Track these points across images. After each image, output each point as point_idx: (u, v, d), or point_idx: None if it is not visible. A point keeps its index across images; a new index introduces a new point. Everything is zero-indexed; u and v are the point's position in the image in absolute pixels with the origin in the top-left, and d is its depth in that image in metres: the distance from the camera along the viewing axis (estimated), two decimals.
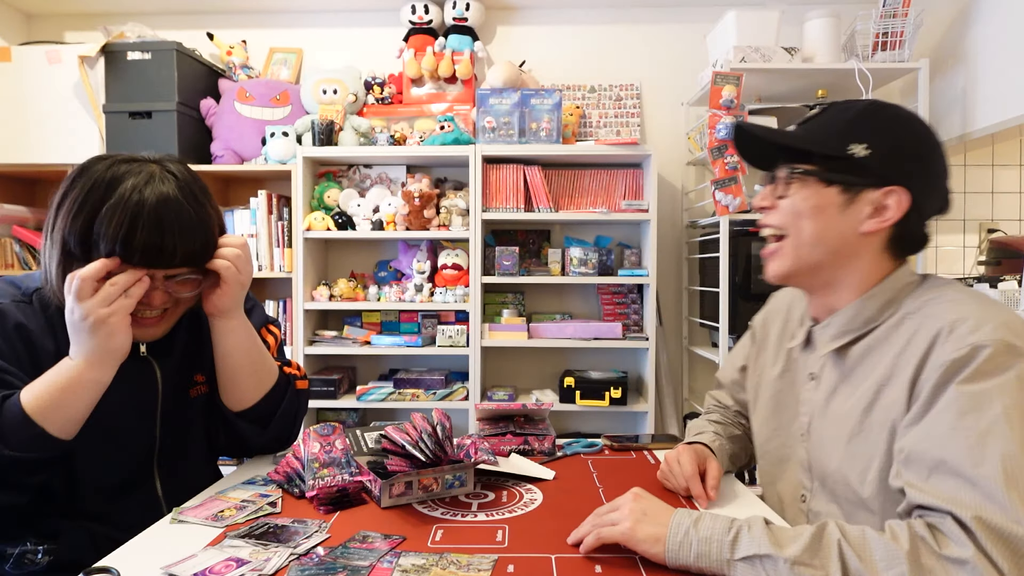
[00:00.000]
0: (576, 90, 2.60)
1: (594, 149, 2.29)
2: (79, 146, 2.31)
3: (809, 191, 0.86)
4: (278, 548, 0.79)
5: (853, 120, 0.86)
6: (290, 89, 2.51)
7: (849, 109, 0.88)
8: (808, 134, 0.89)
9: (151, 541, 0.84)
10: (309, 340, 2.37)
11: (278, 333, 1.18)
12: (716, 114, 2.07)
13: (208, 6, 2.64)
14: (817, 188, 0.86)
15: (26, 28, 2.72)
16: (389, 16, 2.63)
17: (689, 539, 0.73)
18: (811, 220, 0.86)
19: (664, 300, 2.59)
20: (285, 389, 1.12)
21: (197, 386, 1.08)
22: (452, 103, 2.53)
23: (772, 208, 0.92)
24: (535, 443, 1.21)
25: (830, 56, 2.17)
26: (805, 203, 0.86)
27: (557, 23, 2.65)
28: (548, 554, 0.79)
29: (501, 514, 0.92)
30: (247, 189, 2.60)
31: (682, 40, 2.61)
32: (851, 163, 0.83)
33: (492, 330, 2.33)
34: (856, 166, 0.83)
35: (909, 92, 2.39)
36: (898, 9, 2.09)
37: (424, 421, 0.96)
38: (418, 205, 2.27)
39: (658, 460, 1.19)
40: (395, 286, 2.42)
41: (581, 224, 2.56)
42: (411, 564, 0.75)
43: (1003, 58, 2.04)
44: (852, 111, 0.87)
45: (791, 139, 0.90)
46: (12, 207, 2.42)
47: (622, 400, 2.26)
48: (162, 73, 2.30)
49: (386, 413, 2.61)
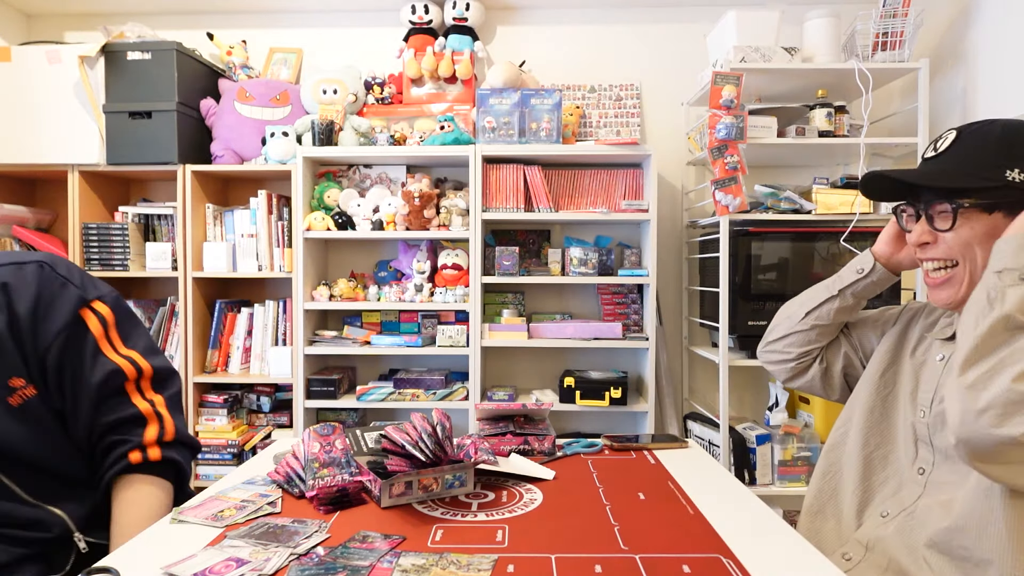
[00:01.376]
0: (576, 90, 2.60)
1: (594, 149, 2.29)
2: (79, 146, 2.31)
3: (975, 221, 0.89)
4: (278, 548, 0.79)
5: (996, 147, 0.88)
6: (290, 89, 2.51)
7: (986, 136, 0.90)
8: (957, 168, 0.91)
9: (151, 541, 0.84)
10: (309, 340, 2.37)
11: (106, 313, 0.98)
12: (716, 114, 2.07)
13: (208, 6, 2.64)
14: (981, 217, 0.89)
15: (26, 28, 2.72)
16: (389, 16, 2.63)
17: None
18: (984, 247, 0.89)
19: (664, 300, 2.59)
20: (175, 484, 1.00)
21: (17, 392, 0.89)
22: (452, 103, 2.53)
23: (933, 243, 0.94)
24: (535, 443, 1.21)
25: (830, 56, 2.17)
26: (974, 233, 0.89)
27: (557, 23, 2.65)
28: (548, 554, 0.79)
29: (501, 514, 0.92)
30: (247, 189, 2.60)
31: (682, 40, 2.61)
32: (1011, 188, 0.86)
33: (492, 330, 2.33)
34: (1016, 189, 0.86)
35: (909, 92, 2.39)
36: (898, 9, 2.09)
37: (424, 421, 0.96)
38: (418, 205, 2.27)
39: (658, 460, 1.19)
40: (395, 286, 2.42)
41: (581, 224, 2.56)
42: (411, 564, 0.75)
43: (1003, 58, 2.04)
44: (991, 138, 0.89)
45: (945, 179, 0.92)
46: (12, 207, 2.42)
47: (622, 400, 2.26)
48: (162, 73, 2.30)
49: (386, 413, 2.61)
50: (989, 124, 0.91)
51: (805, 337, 1.15)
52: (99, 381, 0.94)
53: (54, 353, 0.92)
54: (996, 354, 0.75)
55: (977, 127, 0.92)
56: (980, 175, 0.88)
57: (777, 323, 1.21)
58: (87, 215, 2.41)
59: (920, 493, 0.92)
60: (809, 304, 1.15)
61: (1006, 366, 0.74)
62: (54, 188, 2.62)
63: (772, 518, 0.91)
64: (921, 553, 0.87)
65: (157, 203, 2.55)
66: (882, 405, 1.05)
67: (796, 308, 1.17)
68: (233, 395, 2.43)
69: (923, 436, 0.96)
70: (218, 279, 2.52)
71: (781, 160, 2.51)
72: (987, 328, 0.77)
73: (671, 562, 0.77)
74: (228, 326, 2.47)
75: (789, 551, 0.81)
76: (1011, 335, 0.76)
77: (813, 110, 2.20)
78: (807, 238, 2.17)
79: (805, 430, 2.17)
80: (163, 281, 2.61)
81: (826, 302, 1.12)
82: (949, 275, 0.93)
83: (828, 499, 1.07)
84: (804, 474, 2.15)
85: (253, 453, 2.38)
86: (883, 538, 0.94)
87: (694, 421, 2.38)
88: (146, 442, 0.96)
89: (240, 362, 2.45)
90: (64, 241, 2.43)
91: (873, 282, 1.09)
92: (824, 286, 1.15)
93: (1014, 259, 0.80)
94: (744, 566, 0.76)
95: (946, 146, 0.93)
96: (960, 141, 0.92)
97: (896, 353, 1.07)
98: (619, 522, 0.89)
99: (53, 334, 0.92)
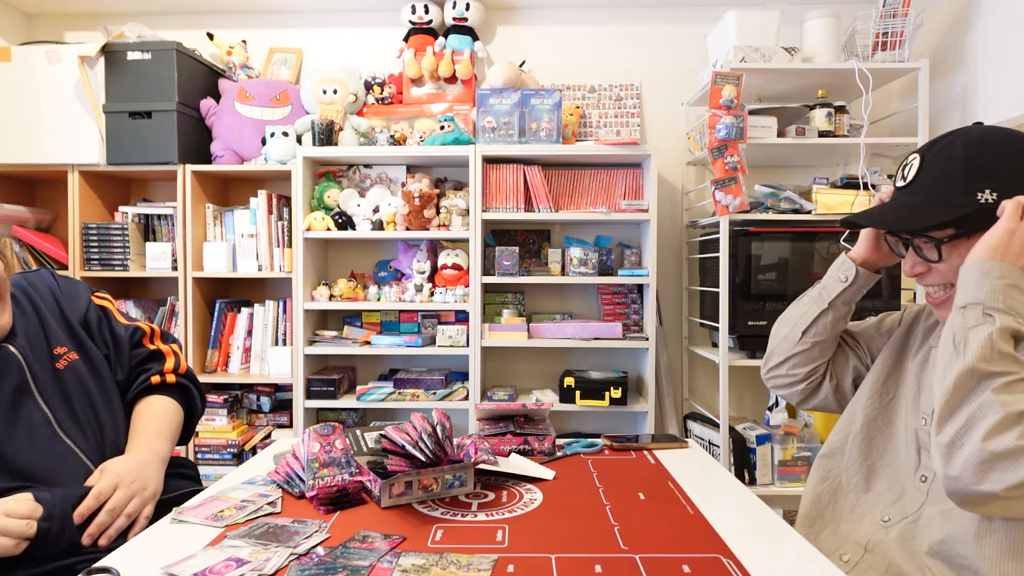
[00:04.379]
0: (576, 90, 2.60)
1: (594, 149, 2.29)
2: (79, 146, 2.31)
3: (961, 248, 0.88)
4: (278, 548, 0.79)
5: (962, 169, 0.86)
6: (290, 89, 2.51)
7: (949, 158, 0.88)
8: (928, 200, 0.89)
9: (151, 541, 0.84)
10: (309, 340, 2.37)
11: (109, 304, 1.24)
12: (716, 114, 2.07)
13: (208, 6, 2.64)
14: (966, 243, 0.88)
15: (26, 28, 2.72)
16: (389, 16, 2.63)
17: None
18: None
19: (664, 300, 2.59)
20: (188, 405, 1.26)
21: (63, 357, 1.10)
22: (452, 103, 2.53)
23: (927, 272, 0.94)
24: (535, 443, 1.21)
25: (830, 56, 2.17)
26: (962, 258, 0.88)
27: (557, 23, 2.65)
28: (548, 554, 0.79)
29: (501, 514, 0.92)
30: (247, 189, 2.60)
31: (682, 40, 2.61)
32: (985, 208, 0.85)
33: (492, 330, 2.33)
34: (991, 209, 0.85)
35: (909, 92, 2.39)
36: (898, 9, 2.09)
37: (424, 421, 0.96)
38: (418, 205, 2.27)
39: (658, 460, 1.19)
40: (395, 286, 2.42)
41: (581, 224, 2.56)
42: (411, 564, 0.75)
43: (1003, 58, 2.04)
44: (955, 160, 0.87)
45: (919, 219, 0.90)
46: (12, 207, 2.42)
47: (622, 400, 2.26)
48: (162, 73, 2.30)
49: (386, 413, 2.61)
50: (950, 142, 0.89)
51: (807, 356, 1.13)
52: (127, 335, 1.22)
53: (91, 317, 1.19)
54: (965, 408, 0.75)
55: (939, 148, 0.90)
56: (952, 203, 0.86)
57: (774, 346, 1.18)
58: (87, 215, 2.41)
59: (923, 501, 0.92)
60: (803, 323, 1.11)
61: (975, 422, 0.74)
62: (54, 188, 2.62)
63: (772, 518, 0.91)
64: (922, 560, 0.87)
65: (157, 203, 2.55)
66: (884, 412, 1.04)
67: (790, 329, 1.14)
68: (233, 395, 2.43)
69: (925, 443, 0.95)
70: (218, 279, 2.52)
71: (781, 160, 2.51)
72: (953, 381, 0.77)
73: (671, 562, 0.77)
74: (228, 326, 2.47)
75: (789, 551, 0.81)
76: (977, 384, 0.75)
77: (813, 110, 2.20)
78: (807, 238, 2.17)
79: (805, 430, 2.17)
80: (163, 281, 2.61)
81: (819, 317, 1.10)
82: (948, 295, 0.93)
83: (826, 506, 1.06)
84: (804, 474, 2.15)
85: (253, 453, 2.38)
86: (883, 542, 0.93)
87: (694, 421, 2.38)
88: (165, 370, 1.23)
89: (240, 362, 2.45)
90: (64, 241, 2.43)
91: (859, 287, 1.08)
92: (812, 300, 1.12)
93: (976, 291, 0.80)
94: (744, 566, 0.76)
95: (913, 174, 0.92)
96: (925, 167, 0.90)
97: (898, 359, 1.06)
98: (619, 522, 0.89)
99: (84, 307, 1.19)
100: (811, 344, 1.11)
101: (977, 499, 0.73)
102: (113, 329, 1.21)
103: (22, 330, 1.07)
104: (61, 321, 1.14)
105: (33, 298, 1.13)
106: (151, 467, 1.08)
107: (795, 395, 1.18)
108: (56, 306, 1.15)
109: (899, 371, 1.05)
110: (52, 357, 1.09)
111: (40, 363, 1.07)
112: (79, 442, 1.06)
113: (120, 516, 0.99)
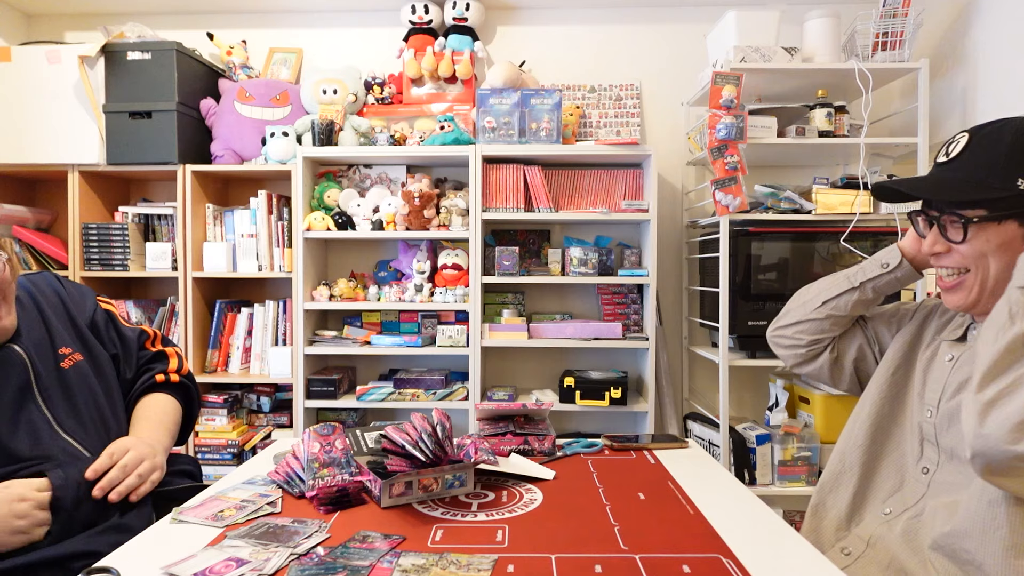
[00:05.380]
0: (576, 90, 2.60)
1: (594, 149, 2.28)
2: (79, 146, 2.31)
3: (989, 233, 0.88)
4: (278, 548, 0.79)
5: (1008, 153, 0.87)
6: (290, 89, 2.51)
7: (998, 141, 0.88)
8: (968, 178, 0.89)
9: (151, 541, 0.84)
10: (309, 340, 2.37)
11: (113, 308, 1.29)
12: (716, 114, 2.07)
13: (208, 6, 2.64)
14: (994, 227, 0.88)
15: (26, 28, 2.72)
16: (389, 16, 2.63)
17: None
18: (997, 257, 0.88)
19: (664, 300, 2.59)
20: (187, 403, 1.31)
21: (67, 357, 1.13)
22: (452, 103, 2.53)
23: (946, 252, 0.93)
24: (535, 443, 1.21)
25: (830, 56, 2.17)
26: (988, 244, 0.88)
27: (557, 23, 2.65)
28: (548, 554, 0.79)
29: (501, 514, 0.92)
30: (247, 189, 2.60)
31: (682, 40, 2.61)
32: (1022, 197, 0.85)
33: (492, 330, 2.33)
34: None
35: (909, 92, 2.39)
36: (898, 9, 2.09)
37: (424, 421, 0.96)
38: (418, 205, 2.27)
39: (658, 460, 1.19)
40: (395, 286, 2.42)
41: (581, 224, 2.56)
42: (411, 564, 0.75)
43: (1003, 58, 2.04)
44: (1002, 144, 0.88)
45: (955, 192, 0.91)
46: (12, 207, 2.42)
47: (622, 400, 2.26)
48: (162, 73, 2.30)
49: (386, 413, 2.61)
50: (1000, 127, 0.89)
51: (819, 326, 1.13)
52: (134, 336, 1.28)
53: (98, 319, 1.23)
54: (1014, 370, 0.75)
55: (988, 130, 0.90)
56: (991, 185, 0.86)
57: (790, 308, 1.18)
58: (87, 215, 2.41)
59: (924, 492, 0.92)
60: (827, 294, 1.12)
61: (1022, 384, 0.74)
62: (54, 188, 2.62)
63: (772, 518, 0.91)
64: (925, 555, 0.87)
65: (157, 203, 2.55)
66: (891, 403, 1.04)
67: (813, 295, 1.14)
68: (233, 395, 2.43)
69: (929, 435, 0.96)
70: (218, 279, 2.51)
71: (781, 160, 2.51)
72: (1006, 344, 0.77)
73: (671, 562, 0.77)
74: (228, 326, 2.47)
75: (789, 551, 0.81)
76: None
77: (813, 110, 2.20)
78: (807, 238, 2.17)
79: (805, 430, 2.17)
80: (163, 281, 2.61)
81: (845, 293, 1.10)
82: (960, 279, 0.93)
83: (829, 492, 1.07)
84: (804, 474, 2.15)
85: (253, 453, 2.38)
86: (885, 536, 0.94)
87: (694, 421, 2.38)
88: (169, 370, 1.29)
89: (240, 362, 2.45)
90: (64, 241, 2.43)
91: (897, 278, 1.07)
92: (845, 276, 1.11)
93: None
94: (744, 566, 0.76)
95: (958, 151, 0.92)
96: (971, 146, 0.90)
97: (909, 351, 1.06)
98: (619, 522, 0.89)
99: (91, 309, 1.23)
100: (826, 315, 1.12)
101: (1003, 462, 0.73)
102: (120, 331, 1.26)
103: (26, 331, 1.10)
104: (67, 323, 1.18)
105: (37, 299, 1.15)
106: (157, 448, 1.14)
107: (792, 357, 1.19)
108: (62, 308, 1.18)
109: (909, 364, 1.06)
110: (56, 357, 1.11)
111: (44, 363, 1.09)
112: (81, 439, 1.09)
113: (131, 475, 1.05)
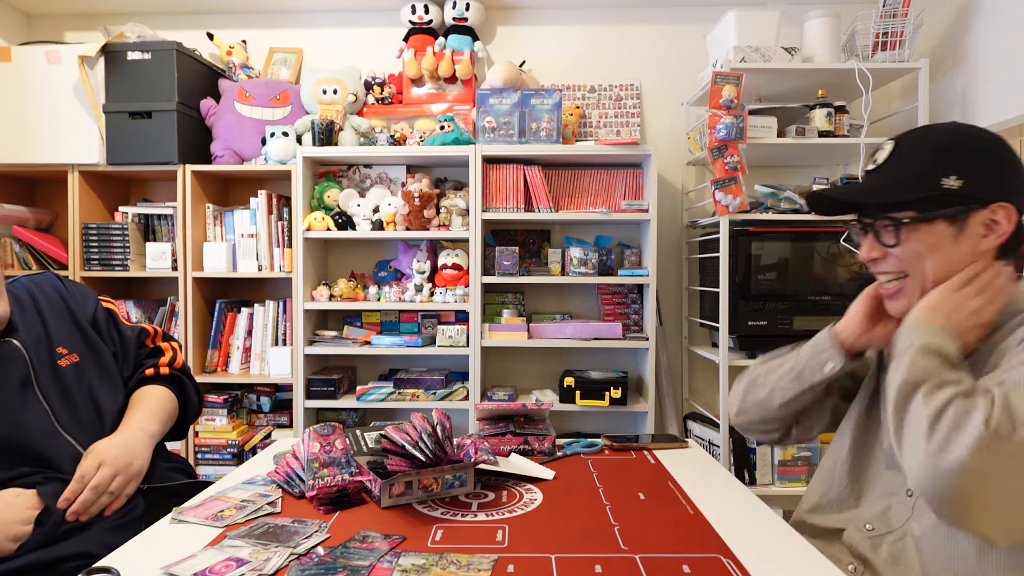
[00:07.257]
0: (576, 90, 2.60)
1: (594, 149, 2.28)
2: (79, 146, 2.31)
3: (920, 233, 0.88)
4: (278, 548, 0.79)
5: (932, 155, 0.88)
6: (290, 89, 2.51)
7: (922, 144, 0.90)
8: (894, 181, 0.90)
9: (151, 541, 0.84)
10: (309, 340, 2.37)
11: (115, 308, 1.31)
12: (716, 114, 2.07)
13: (208, 6, 2.64)
14: (925, 228, 0.88)
15: (26, 28, 2.72)
16: (389, 16, 2.63)
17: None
18: (931, 258, 0.88)
19: (664, 300, 2.59)
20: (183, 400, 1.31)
21: (64, 357, 1.15)
22: (452, 103, 2.53)
23: (883, 258, 0.93)
24: (535, 443, 1.21)
25: (830, 56, 2.17)
26: (921, 244, 0.88)
27: (557, 23, 2.65)
28: (548, 554, 0.79)
29: (501, 514, 0.92)
30: (247, 189, 2.60)
31: (682, 40, 2.61)
32: (948, 196, 0.86)
33: (492, 330, 2.33)
34: (953, 196, 0.86)
35: (909, 92, 2.39)
36: (898, 9, 2.09)
37: (424, 421, 0.96)
38: (418, 205, 2.27)
39: (658, 460, 1.19)
40: (395, 286, 2.42)
41: (581, 224, 2.56)
42: (411, 564, 0.75)
43: (1003, 58, 2.04)
44: (927, 146, 0.89)
45: (882, 195, 0.91)
46: (12, 207, 2.42)
47: (622, 400, 2.26)
48: (162, 73, 2.30)
49: (386, 413, 2.61)
50: (925, 130, 0.91)
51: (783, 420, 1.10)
52: (133, 335, 1.30)
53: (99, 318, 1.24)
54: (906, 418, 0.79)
55: (914, 135, 0.92)
56: (916, 185, 0.87)
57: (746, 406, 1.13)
58: (87, 215, 2.41)
59: (908, 516, 0.88)
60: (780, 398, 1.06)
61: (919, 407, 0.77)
62: (54, 188, 2.62)
63: (772, 518, 0.91)
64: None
65: (157, 203, 2.55)
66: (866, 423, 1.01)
67: (765, 394, 1.09)
68: (233, 395, 2.43)
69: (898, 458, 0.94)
70: (218, 279, 2.51)
71: (781, 160, 2.51)
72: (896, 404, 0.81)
73: (671, 562, 0.77)
74: (228, 326, 2.47)
75: (789, 551, 0.81)
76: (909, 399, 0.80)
77: (813, 110, 2.20)
78: (807, 238, 2.17)
79: None
80: (163, 281, 2.61)
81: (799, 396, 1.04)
82: (900, 285, 0.92)
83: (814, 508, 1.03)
84: (804, 474, 2.15)
85: (253, 453, 2.38)
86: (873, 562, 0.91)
87: (694, 421, 2.38)
88: (160, 363, 1.29)
89: (240, 362, 2.45)
90: (64, 241, 2.43)
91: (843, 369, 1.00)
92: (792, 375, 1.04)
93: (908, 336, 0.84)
94: (744, 566, 0.76)
95: (884, 158, 0.93)
96: (897, 151, 0.92)
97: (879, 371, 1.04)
98: (619, 522, 0.89)
99: (93, 308, 1.25)
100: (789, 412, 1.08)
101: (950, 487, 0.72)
102: (120, 329, 1.28)
103: (24, 327, 1.11)
104: (69, 322, 1.19)
105: (37, 299, 1.17)
106: (138, 444, 1.13)
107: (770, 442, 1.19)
108: (64, 307, 1.20)
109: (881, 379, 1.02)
110: (54, 356, 1.13)
111: (41, 361, 1.10)
112: (78, 437, 1.10)
113: (103, 494, 1.05)
